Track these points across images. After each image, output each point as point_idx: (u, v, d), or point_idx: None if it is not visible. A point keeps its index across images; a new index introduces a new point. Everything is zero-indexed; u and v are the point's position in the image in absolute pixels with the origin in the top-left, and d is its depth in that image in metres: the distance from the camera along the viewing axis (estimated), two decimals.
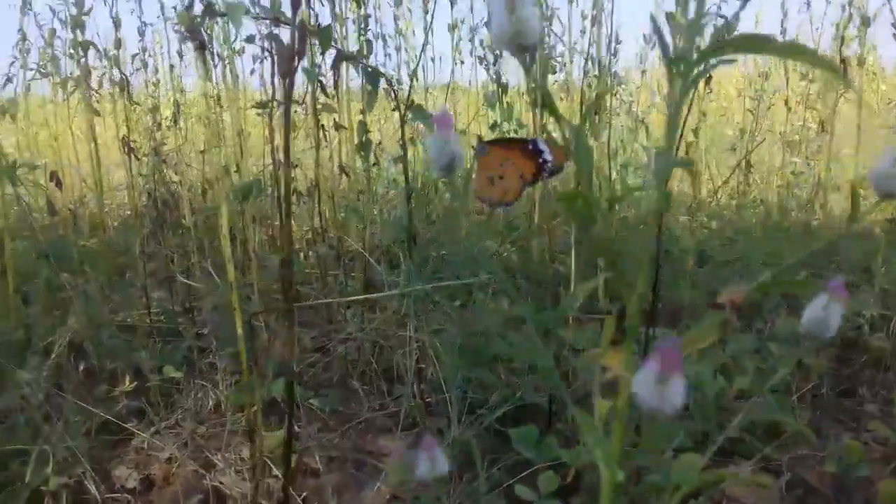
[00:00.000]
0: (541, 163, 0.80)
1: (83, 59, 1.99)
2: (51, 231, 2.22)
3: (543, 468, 1.09)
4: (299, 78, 1.62)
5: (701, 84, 1.71)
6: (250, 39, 1.42)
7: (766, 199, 2.39)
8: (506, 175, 0.80)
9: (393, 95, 1.27)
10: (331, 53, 1.43)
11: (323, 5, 1.79)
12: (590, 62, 2.04)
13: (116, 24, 1.85)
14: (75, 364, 1.37)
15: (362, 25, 1.74)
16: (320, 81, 1.67)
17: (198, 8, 1.15)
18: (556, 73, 2.24)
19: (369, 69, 1.28)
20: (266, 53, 1.56)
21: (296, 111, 2.04)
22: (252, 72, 2.23)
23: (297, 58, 0.70)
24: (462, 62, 2.68)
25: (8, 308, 1.52)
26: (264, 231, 2.24)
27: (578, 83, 2.12)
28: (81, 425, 1.21)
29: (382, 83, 1.28)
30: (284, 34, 1.06)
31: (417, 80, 2.72)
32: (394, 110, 1.27)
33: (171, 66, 2.25)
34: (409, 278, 1.25)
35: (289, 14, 1.28)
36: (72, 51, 2.10)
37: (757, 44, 0.39)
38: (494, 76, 2.22)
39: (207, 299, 1.59)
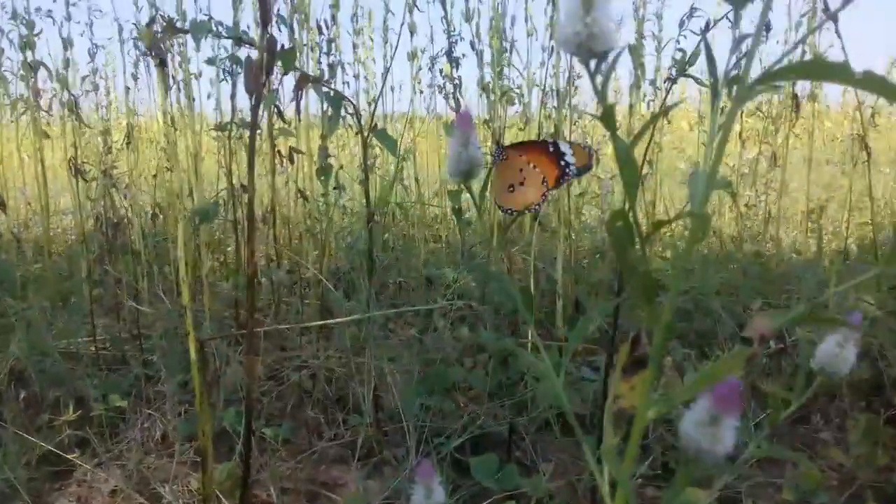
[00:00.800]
0: (563, 165, 0.76)
1: (32, 80, 1.94)
2: None
3: (503, 497, 1.07)
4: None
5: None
6: (211, 61, 1.41)
7: (720, 231, 2.42)
8: (527, 181, 0.76)
9: (356, 119, 1.26)
10: (292, 77, 1.42)
11: (280, 31, 1.78)
12: (549, 94, 2.06)
13: (67, 44, 1.80)
14: (16, 392, 1.31)
15: (324, 50, 1.73)
16: (277, 107, 1.65)
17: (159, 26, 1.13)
18: (514, 104, 2.25)
19: (332, 92, 1.26)
20: (226, 75, 1.53)
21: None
22: (209, 96, 2.19)
23: (265, 73, 0.68)
24: (421, 91, 2.69)
25: None
26: (215, 258, 2.20)
27: (536, 114, 2.13)
28: (21, 456, 1.15)
29: (348, 107, 1.27)
30: (245, 56, 1.03)
31: (376, 106, 2.72)
32: (356, 134, 1.25)
33: (127, 88, 2.20)
34: (367, 303, 1.23)
35: (251, 35, 1.27)
36: (22, 72, 2.05)
37: (827, 71, 0.35)
38: (454, 105, 2.22)
39: (157, 325, 1.54)
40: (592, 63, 0.39)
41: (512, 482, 1.10)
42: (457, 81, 2.13)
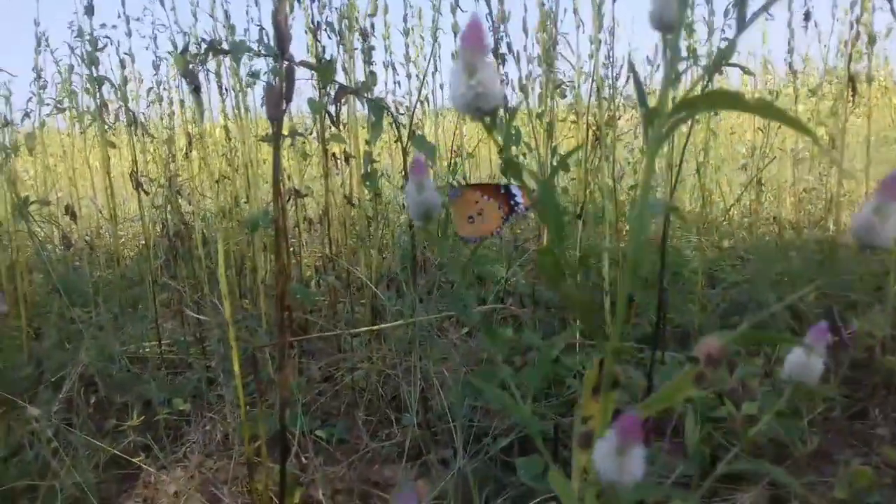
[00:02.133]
0: (512, 205, 0.83)
1: (98, 94, 2.03)
2: (67, 263, 2.25)
3: (548, 498, 1.08)
4: (307, 108, 1.64)
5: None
6: (255, 75, 1.45)
7: (779, 217, 2.37)
8: (484, 211, 0.83)
9: (395, 128, 1.29)
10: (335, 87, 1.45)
11: (330, 38, 1.82)
12: (600, 83, 2.05)
13: (125, 62, 1.88)
14: (86, 398, 1.39)
15: (366, 59, 1.76)
16: (328, 112, 1.69)
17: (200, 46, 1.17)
18: (565, 97, 2.26)
19: (373, 101, 1.29)
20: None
21: (304, 142, 2.07)
22: (263, 104, 2.26)
23: (285, 102, 0.71)
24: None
25: (21, 342, 1.55)
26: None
27: (589, 105, 2.12)
28: (90, 460, 1.22)
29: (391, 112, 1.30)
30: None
31: (429, 104, 2.76)
32: (396, 141, 1.28)
33: (182, 101, 2.28)
34: (413, 307, 1.25)
35: (292, 51, 1.30)
36: (88, 86, 2.15)
37: (728, 100, 0.39)
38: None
39: (214, 331, 1.60)
40: (487, 120, 0.42)
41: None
42: (503, 78, 2.14)
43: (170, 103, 2.59)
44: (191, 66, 0.83)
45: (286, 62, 0.72)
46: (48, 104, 2.39)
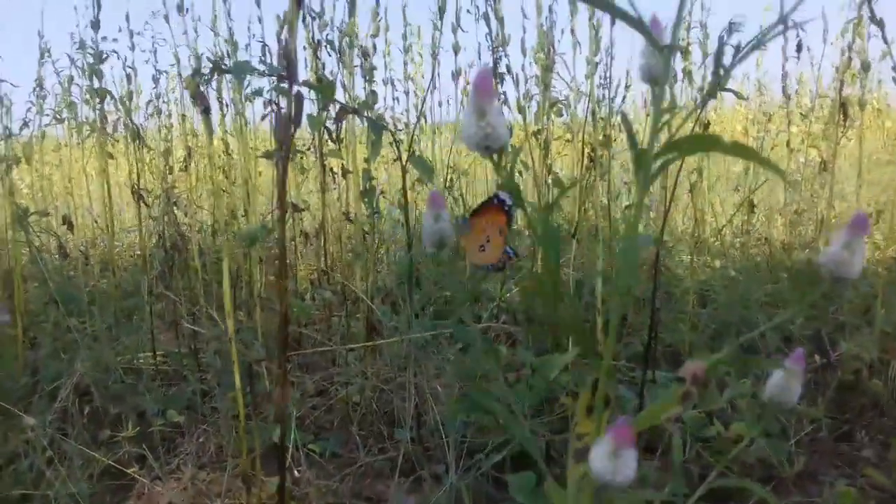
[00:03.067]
0: (507, 212, 0.87)
1: (99, 106, 2.05)
2: (63, 273, 2.26)
3: None
4: (305, 123, 1.66)
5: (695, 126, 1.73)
6: (258, 93, 1.47)
7: (771, 238, 2.39)
8: (492, 239, 0.87)
9: (396, 147, 1.30)
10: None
11: (330, 55, 1.84)
12: (596, 105, 2.08)
13: (129, 77, 1.90)
14: (81, 408, 1.39)
15: (366, 77, 1.78)
16: (327, 129, 1.71)
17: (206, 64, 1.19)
18: (561, 115, 2.28)
19: (373, 120, 1.31)
20: (274, 105, 1.60)
21: (303, 156, 2.09)
22: (264, 117, 2.28)
23: (293, 126, 0.73)
24: None
25: (17, 352, 1.55)
26: (272, 272, 2.27)
27: (584, 124, 2.15)
28: (84, 470, 1.23)
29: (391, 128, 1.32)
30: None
31: (426, 120, 2.79)
32: (395, 161, 1.30)
33: (183, 116, 2.30)
34: (408, 324, 1.27)
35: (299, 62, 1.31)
36: (88, 96, 2.16)
37: (708, 143, 0.43)
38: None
39: (211, 344, 1.61)
40: (494, 156, 0.46)
41: (547, 500, 1.13)
42: (502, 97, 2.16)
43: (168, 115, 2.61)
44: (200, 87, 0.85)
45: (295, 90, 0.74)
46: (48, 114, 2.40)
